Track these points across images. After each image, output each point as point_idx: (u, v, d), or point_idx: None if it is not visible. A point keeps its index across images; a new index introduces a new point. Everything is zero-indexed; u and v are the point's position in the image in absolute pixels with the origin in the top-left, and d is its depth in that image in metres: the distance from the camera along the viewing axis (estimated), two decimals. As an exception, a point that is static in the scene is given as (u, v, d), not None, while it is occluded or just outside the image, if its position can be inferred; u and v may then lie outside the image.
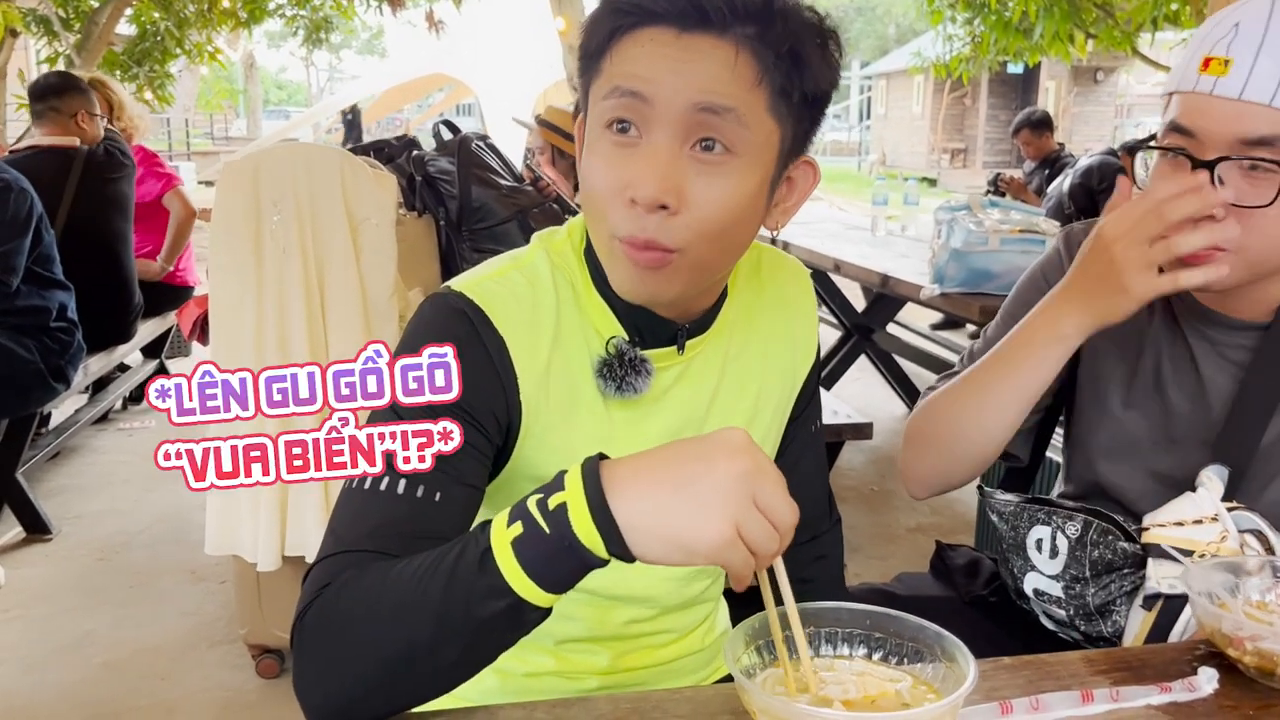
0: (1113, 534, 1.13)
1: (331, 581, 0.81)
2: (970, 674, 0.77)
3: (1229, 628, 0.89)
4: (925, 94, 27.16)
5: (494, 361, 0.92)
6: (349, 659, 0.79)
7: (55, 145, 3.70)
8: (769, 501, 0.72)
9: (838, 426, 3.00)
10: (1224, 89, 1.02)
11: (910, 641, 0.85)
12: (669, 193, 0.84)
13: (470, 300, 0.92)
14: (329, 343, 2.25)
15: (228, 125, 29.06)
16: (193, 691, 2.42)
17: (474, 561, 0.74)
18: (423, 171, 2.64)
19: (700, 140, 0.85)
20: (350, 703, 0.80)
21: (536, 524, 0.73)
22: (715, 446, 0.73)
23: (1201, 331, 1.19)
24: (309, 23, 11.01)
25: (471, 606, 0.74)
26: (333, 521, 0.88)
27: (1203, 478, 1.11)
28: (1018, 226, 2.89)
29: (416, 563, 0.78)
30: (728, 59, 0.84)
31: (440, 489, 0.86)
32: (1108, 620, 1.14)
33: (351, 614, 0.79)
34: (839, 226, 5.22)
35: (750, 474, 0.72)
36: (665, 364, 0.99)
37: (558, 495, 0.73)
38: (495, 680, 1.09)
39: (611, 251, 0.89)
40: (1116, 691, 0.87)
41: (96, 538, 3.32)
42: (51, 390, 3.21)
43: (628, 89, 0.85)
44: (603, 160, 0.87)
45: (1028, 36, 7.87)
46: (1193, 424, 1.19)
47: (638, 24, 0.86)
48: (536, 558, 0.73)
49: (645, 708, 0.86)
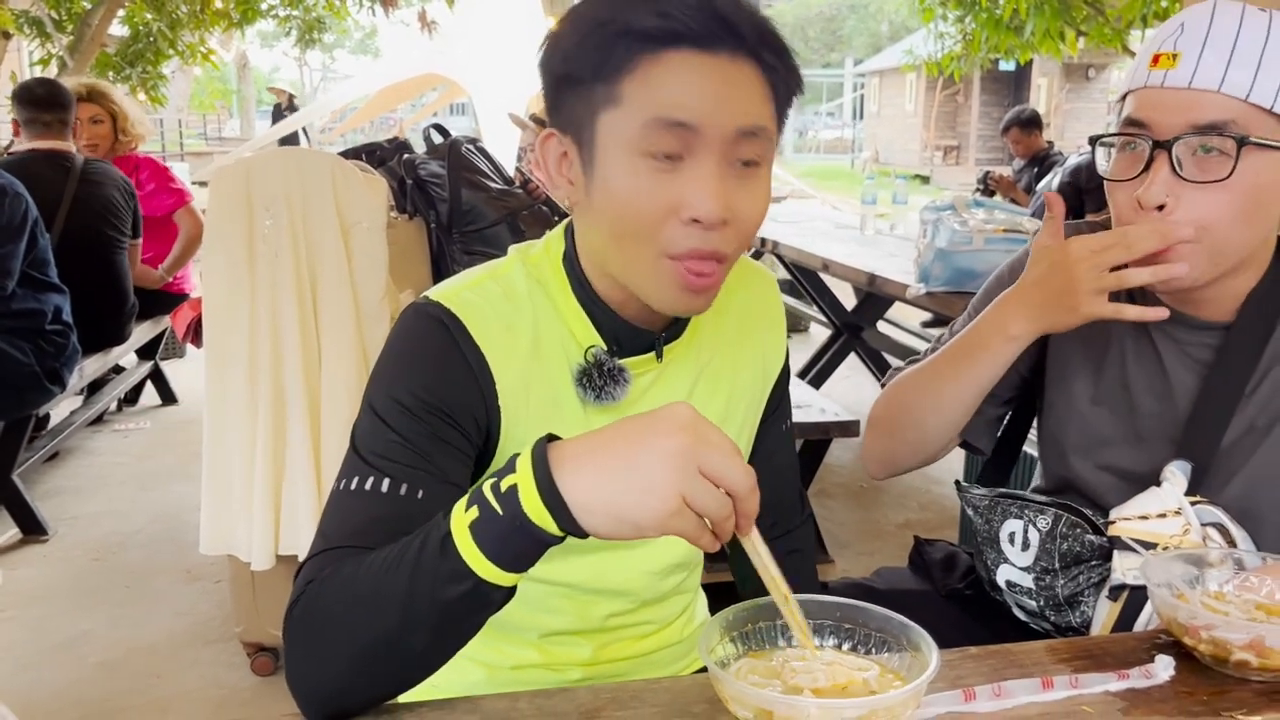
0: (1081, 527, 1.17)
1: (316, 578, 0.85)
2: (933, 662, 0.80)
3: (1184, 617, 0.92)
4: (918, 91, 27.19)
5: (472, 369, 0.95)
6: (330, 650, 0.82)
7: (53, 150, 3.72)
8: (716, 469, 0.74)
9: (825, 424, 3.03)
10: (1174, 80, 1.07)
11: (877, 632, 0.89)
12: (728, 209, 0.89)
13: (448, 310, 0.95)
14: (321, 345, 2.28)
15: (221, 126, 29.01)
16: (188, 690, 2.44)
17: (435, 547, 0.77)
18: (413, 175, 2.67)
19: (740, 159, 0.90)
20: (336, 693, 0.83)
21: (490, 506, 0.75)
22: (657, 421, 0.75)
23: (1167, 332, 1.22)
24: (302, 23, 11.01)
25: (436, 590, 0.77)
26: (322, 523, 0.91)
27: (1166, 473, 1.15)
28: (1002, 226, 2.93)
29: (385, 553, 0.80)
30: (754, 80, 0.88)
31: (423, 487, 0.89)
32: (1076, 611, 1.18)
33: (330, 608, 0.82)
34: (829, 225, 5.25)
35: (691, 446, 0.73)
36: (643, 369, 1.03)
37: (509, 478, 0.75)
38: (482, 673, 1.13)
39: (658, 271, 0.91)
40: (1076, 679, 0.90)
41: (92, 538, 3.34)
42: (47, 393, 3.23)
43: (674, 120, 0.86)
44: (647, 183, 0.88)
45: (1019, 34, 7.89)
46: (1159, 421, 1.23)
47: (660, 47, 0.85)
48: (493, 539, 0.75)
49: (624, 697, 0.89)
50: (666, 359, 1.04)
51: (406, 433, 0.91)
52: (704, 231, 0.89)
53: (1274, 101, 1.05)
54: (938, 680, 0.91)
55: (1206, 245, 1.09)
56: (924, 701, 0.86)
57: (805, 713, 0.78)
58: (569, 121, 0.92)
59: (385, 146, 2.97)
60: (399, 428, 0.91)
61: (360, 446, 0.93)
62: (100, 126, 4.10)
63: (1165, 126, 1.07)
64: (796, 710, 0.78)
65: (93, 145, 4.07)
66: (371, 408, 0.94)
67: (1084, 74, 22.95)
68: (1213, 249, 1.10)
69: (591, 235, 0.97)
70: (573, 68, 0.89)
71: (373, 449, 0.91)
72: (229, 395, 2.28)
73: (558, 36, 0.92)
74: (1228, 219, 1.08)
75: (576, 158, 0.93)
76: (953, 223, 2.94)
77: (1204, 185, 1.07)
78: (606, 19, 0.87)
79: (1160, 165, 1.08)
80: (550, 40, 0.93)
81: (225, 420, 2.29)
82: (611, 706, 0.88)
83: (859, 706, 0.78)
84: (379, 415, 0.93)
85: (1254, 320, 1.17)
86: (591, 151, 0.90)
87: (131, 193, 3.93)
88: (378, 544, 0.83)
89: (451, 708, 0.89)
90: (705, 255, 0.90)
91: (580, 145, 0.92)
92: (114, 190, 3.82)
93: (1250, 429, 1.17)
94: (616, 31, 0.86)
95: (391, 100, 14.77)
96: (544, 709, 0.88)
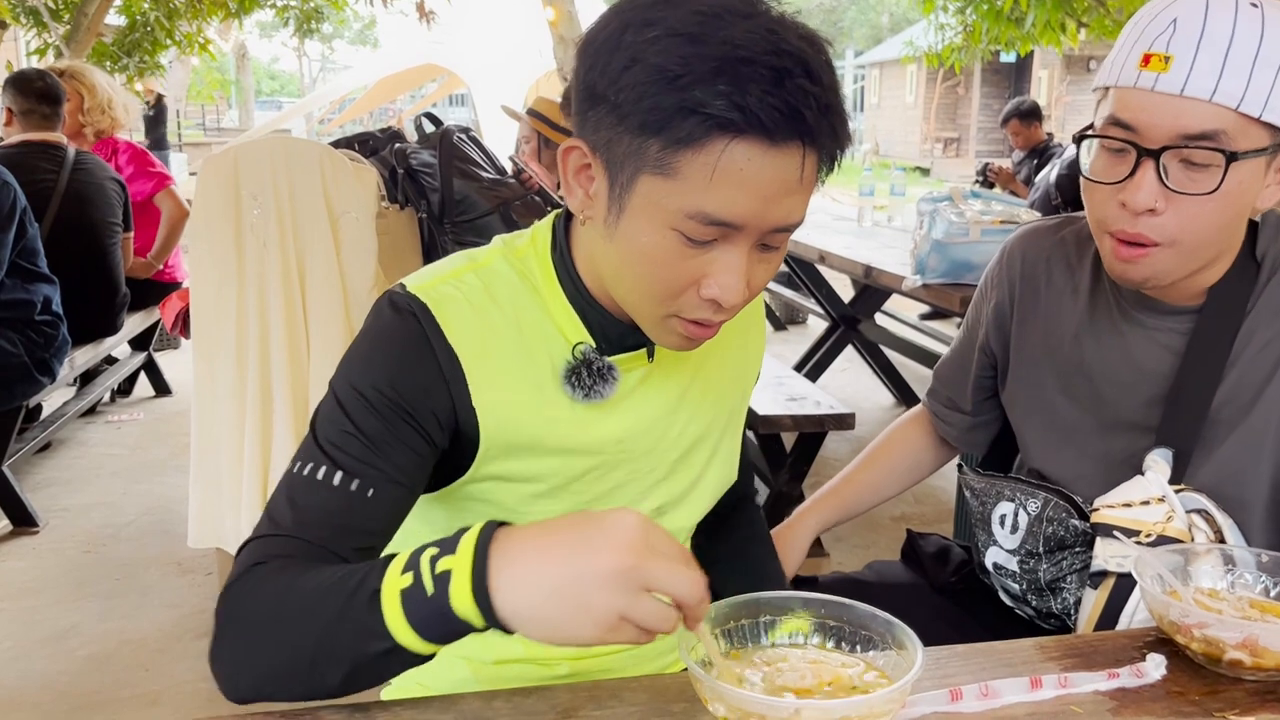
0: (1066, 511, 1.17)
1: (260, 562, 0.85)
2: (917, 660, 0.79)
3: (1176, 615, 0.91)
4: (918, 83, 27.14)
5: (441, 368, 0.92)
6: (250, 652, 0.82)
7: (46, 141, 3.69)
8: (662, 585, 0.73)
9: (821, 417, 3.02)
10: (1165, 85, 1.03)
11: (862, 629, 0.87)
12: (746, 290, 0.89)
13: (422, 304, 0.93)
14: (309, 336, 2.26)
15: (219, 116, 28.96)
16: (177, 683, 2.43)
17: (364, 600, 0.76)
18: (405, 164, 2.65)
19: (768, 245, 0.89)
20: (250, 688, 0.83)
21: (422, 583, 0.74)
22: (603, 536, 0.73)
23: (1134, 317, 1.21)
24: (300, 13, 10.96)
25: (355, 641, 0.77)
26: (270, 503, 0.90)
27: (1149, 461, 1.14)
28: (999, 218, 2.90)
29: (322, 578, 0.80)
30: (809, 171, 0.84)
31: (373, 485, 0.89)
32: (1058, 597, 1.17)
33: (259, 611, 0.82)
34: (826, 217, 5.22)
35: (635, 567, 0.71)
36: (631, 366, 1.01)
37: (446, 560, 0.74)
38: (467, 670, 1.11)
39: (664, 323, 0.92)
40: (1065, 678, 0.88)
41: (83, 530, 3.33)
42: (36, 383, 3.21)
43: (720, 219, 0.83)
44: (674, 257, 0.86)
45: (1019, 25, 7.87)
46: (1127, 408, 1.21)
47: (729, 136, 0.80)
48: (419, 615, 0.74)
49: (602, 696, 0.88)
50: (659, 359, 1.03)
51: (364, 426, 0.90)
52: (718, 307, 0.89)
53: (1263, 109, 1.02)
54: (924, 679, 0.89)
55: (1183, 249, 1.08)
56: (910, 701, 0.84)
57: (787, 713, 0.76)
58: (603, 147, 0.86)
59: (378, 136, 2.93)
60: (357, 420, 0.90)
61: (319, 432, 0.92)
62: (66, 104, 4.02)
63: (1154, 132, 1.04)
64: (778, 711, 0.76)
65: None
66: (335, 393, 0.93)
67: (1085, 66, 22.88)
68: (1189, 252, 1.09)
69: (601, 257, 0.93)
70: (623, 103, 0.82)
71: (329, 437, 0.90)
72: (217, 387, 2.26)
73: (602, 51, 0.84)
74: (1211, 227, 1.07)
75: (604, 183, 0.88)
76: (949, 214, 2.91)
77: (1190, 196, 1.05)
78: (677, 75, 0.79)
79: (1146, 170, 1.05)
80: (592, 49, 0.86)
81: (213, 412, 2.28)
82: (589, 705, 0.86)
83: (842, 708, 0.76)
84: (340, 402, 0.92)
85: (1225, 304, 1.15)
86: (623, 197, 0.86)
87: (123, 184, 3.91)
88: (320, 538, 0.85)
89: (427, 706, 0.88)
90: (711, 325, 0.92)
91: (611, 180, 0.87)
92: (106, 181, 3.80)
93: (1228, 414, 1.15)
94: (687, 104, 0.79)
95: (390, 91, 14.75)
96: (520, 708, 0.86)
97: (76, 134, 4.07)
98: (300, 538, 0.86)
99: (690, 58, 0.79)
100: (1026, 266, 1.32)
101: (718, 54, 0.79)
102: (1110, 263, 1.12)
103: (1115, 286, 1.22)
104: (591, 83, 0.85)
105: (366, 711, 0.86)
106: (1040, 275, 1.31)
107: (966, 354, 1.43)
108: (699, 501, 1.12)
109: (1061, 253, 1.30)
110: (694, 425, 1.08)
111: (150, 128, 10.21)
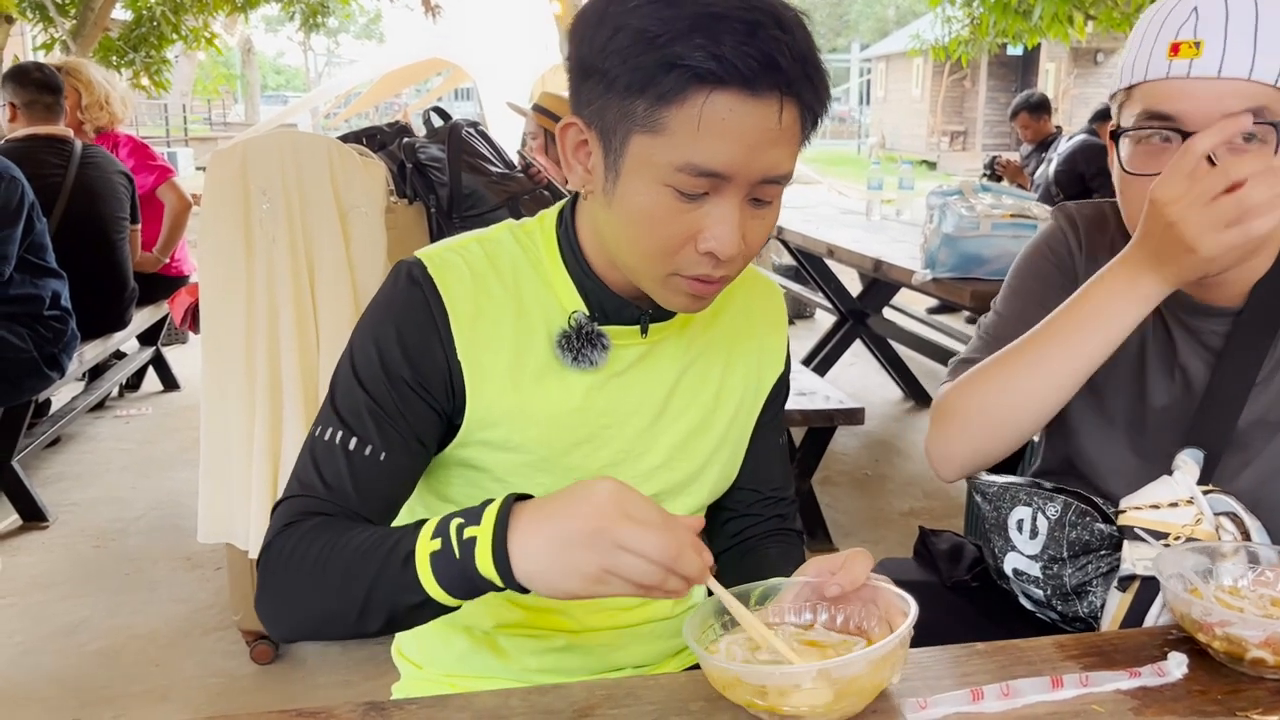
0: (1090, 515, 1.14)
1: (293, 522, 0.94)
2: (911, 610, 0.84)
3: (1198, 613, 0.90)
4: (925, 76, 27.06)
5: (438, 328, 0.98)
6: (296, 603, 0.93)
7: (52, 134, 3.69)
8: (633, 545, 0.79)
9: (830, 411, 3.01)
10: (1201, 69, 1.02)
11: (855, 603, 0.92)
12: (741, 242, 0.92)
13: (424, 269, 1.00)
14: (319, 330, 2.26)
15: (225, 111, 28.98)
16: (187, 677, 2.43)
17: (399, 560, 0.86)
18: (413, 159, 2.63)
19: (760, 198, 0.93)
20: (296, 631, 0.96)
21: (451, 547, 0.84)
22: (579, 502, 0.81)
23: (1180, 318, 1.20)
24: (305, 7, 10.96)
25: (393, 595, 0.87)
26: (297, 466, 0.99)
27: (1178, 461, 1.12)
28: (1009, 211, 2.89)
29: (360, 539, 0.89)
30: (791, 122, 0.89)
31: (387, 449, 0.97)
32: (1084, 601, 1.15)
33: (301, 569, 0.91)
34: (834, 211, 5.21)
35: (605, 528, 0.79)
36: (627, 342, 1.04)
37: (472, 529, 0.84)
38: (465, 642, 1.14)
39: (666, 281, 0.95)
40: (1086, 677, 0.88)
41: (92, 525, 3.33)
42: (46, 378, 3.21)
43: (708, 169, 0.87)
44: (669, 213, 0.90)
45: (1027, 18, 7.85)
46: (1169, 408, 1.20)
47: (709, 86, 0.84)
48: (447, 575, 0.84)
49: (619, 695, 0.87)
50: (654, 339, 1.06)
51: (375, 392, 0.97)
52: (716, 261, 0.93)
53: None
54: (944, 679, 0.89)
55: None
56: (931, 701, 0.84)
57: (801, 680, 0.79)
58: (595, 117, 0.91)
59: (385, 130, 2.92)
60: (368, 385, 0.98)
61: (336, 397, 1.00)
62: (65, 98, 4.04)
63: (1197, 118, 1.03)
64: (792, 679, 0.79)
65: None
66: (350, 355, 1.01)
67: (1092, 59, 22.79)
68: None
69: (603, 225, 0.97)
70: (610, 69, 0.87)
71: (346, 405, 0.98)
72: (226, 382, 2.26)
73: (589, 25, 0.90)
74: None
75: (599, 153, 0.93)
76: (959, 208, 2.90)
77: None
78: (656, 35, 0.84)
79: None
80: (581, 25, 0.91)
81: (222, 407, 2.27)
82: (606, 704, 0.86)
83: (852, 663, 0.79)
84: (354, 367, 0.99)
85: (1264, 307, 1.15)
86: (618, 161, 0.91)
87: (130, 178, 3.90)
88: (345, 499, 0.96)
89: (444, 705, 0.88)
90: (712, 281, 0.95)
91: (606, 148, 0.92)
92: (114, 175, 3.80)
93: (1263, 417, 1.15)
94: (667, 59, 0.84)
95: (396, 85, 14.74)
96: (537, 706, 0.86)
97: (76, 130, 4.07)
98: (326, 499, 0.96)
99: (669, 19, 0.84)
100: (1092, 247, 1.25)
101: (693, 13, 0.84)
102: None
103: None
104: (582, 57, 0.91)
105: (383, 710, 0.86)
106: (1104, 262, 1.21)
107: (1033, 313, 1.23)
108: (699, 494, 1.13)
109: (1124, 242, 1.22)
110: (691, 413, 1.09)
111: None
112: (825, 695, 0.79)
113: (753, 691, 0.80)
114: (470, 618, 1.11)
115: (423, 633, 1.16)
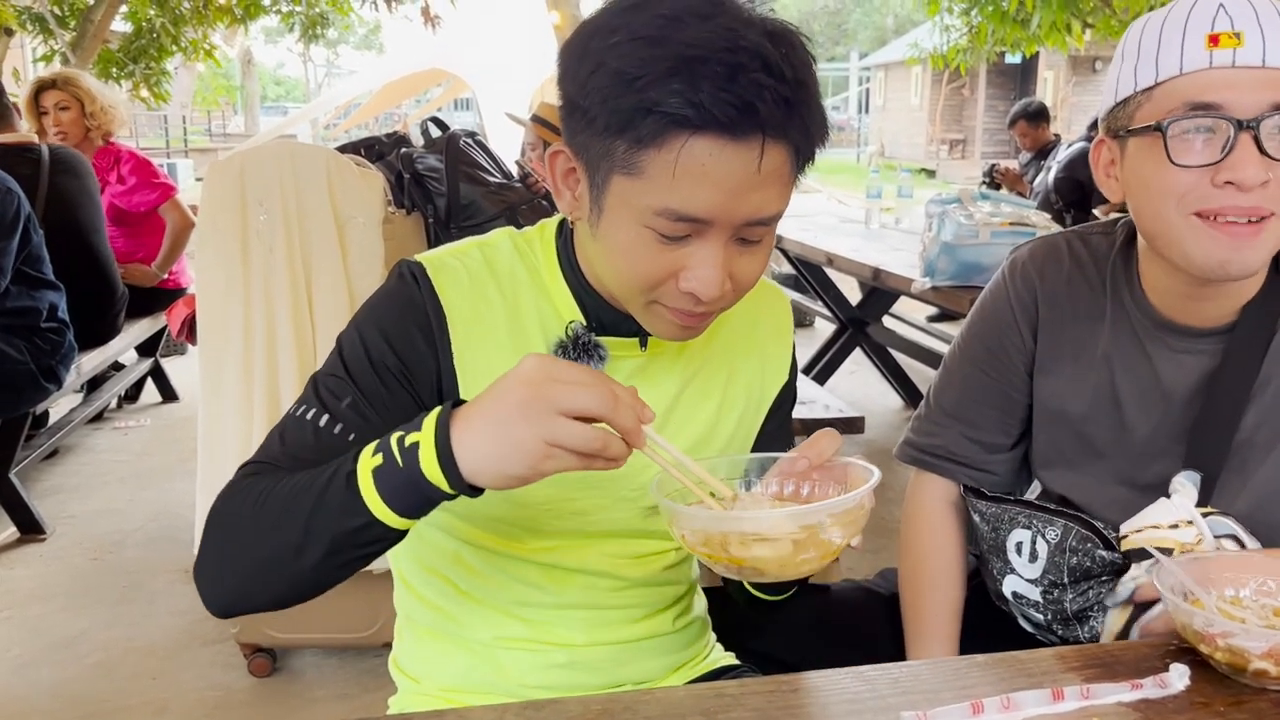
0: (1091, 541, 1.13)
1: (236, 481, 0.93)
2: (874, 475, 0.87)
3: (1200, 624, 0.89)
4: (924, 85, 27.09)
5: (432, 328, 0.98)
6: (233, 554, 0.89)
7: (17, 143, 3.62)
8: (572, 405, 0.77)
9: (829, 421, 3.00)
10: (1245, 58, 1.01)
11: (817, 476, 0.93)
12: (726, 282, 0.91)
13: (423, 269, 1.00)
14: (316, 342, 2.25)
15: (225, 122, 29.00)
16: (185, 690, 2.42)
17: (341, 482, 0.83)
18: (411, 169, 2.64)
19: (746, 239, 0.91)
20: (234, 591, 0.90)
21: (394, 458, 0.81)
22: (509, 380, 0.79)
23: (1161, 340, 1.18)
24: (305, 18, 10.97)
25: (335, 520, 0.83)
26: (269, 436, 0.98)
27: (1175, 484, 1.11)
28: (1008, 219, 2.88)
29: (298, 477, 0.87)
30: (778, 164, 0.87)
31: (357, 432, 0.95)
32: (1085, 626, 1.14)
33: (241, 515, 0.89)
34: (833, 220, 5.20)
35: (537, 395, 0.77)
36: (626, 354, 1.04)
37: (413, 434, 0.81)
38: (464, 658, 1.12)
39: (651, 311, 0.95)
40: (1088, 689, 0.87)
41: (90, 537, 3.32)
42: (43, 390, 3.20)
43: (687, 215, 0.86)
44: (650, 252, 0.89)
45: (1025, 27, 7.84)
46: (1154, 431, 1.19)
47: (688, 132, 0.83)
48: (391, 488, 0.82)
49: (615, 709, 0.86)
50: (654, 352, 1.05)
51: (358, 377, 0.97)
52: (698, 300, 0.91)
53: None
54: (945, 691, 0.88)
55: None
56: (930, 714, 0.83)
57: (766, 526, 0.80)
58: (581, 150, 0.91)
59: (383, 140, 2.93)
60: (353, 371, 0.97)
61: (319, 379, 0.99)
62: (67, 113, 4.04)
63: (1245, 106, 1.02)
64: (758, 525, 0.81)
65: (62, 132, 4.02)
66: (339, 345, 1.00)
67: (1091, 67, 22.83)
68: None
69: (590, 251, 0.98)
70: (590, 108, 0.86)
71: (328, 385, 0.97)
72: (223, 393, 2.25)
73: (573, 58, 0.89)
74: None
75: (585, 186, 0.92)
76: (958, 216, 2.90)
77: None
78: (634, 77, 0.83)
79: (1246, 145, 1.01)
80: (565, 57, 0.90)
81: (220, 418, 2.26)
82: (603, 718, 0.85)
83: (813, 512, 0.81)
84: (341, 353, 0.99)
85: (1255, 326, 1.13)
86: (601, 198, 0.91)
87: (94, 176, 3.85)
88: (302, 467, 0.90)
89: (440, 718, 0.86)
90: (698, 315, 0.94)
91: (590, 183, 0.91)
92: (86, 176, 3.75)
93: (1263, 437, 1.14)
94: (644, 104, 0.82)
95: (396, 96, 14.75)
96: (533, 719, 0.85)
97: (84, 139, 4.06)
98: (281, 465, 0.93)
99: (648, 60, 0.82)
100: (1047, 288, 1.26)
101: (674, 54, 0.82)
102: (1210, 249, 1.05)
103: (1139, 309, 1.19)
104: (566, 90, 0.90)
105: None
106: (1064, 298, 1.25)
107: (991, 382, 1.31)
108: None
109: (1081, 274, 1.25)
110: (692, 426, 1.08)
111: None
112: (785, 546, 0.79)
113: (716, 543, 0.81)
114: (468, 628, 1.10)
115: (421, 647, 1.15)
